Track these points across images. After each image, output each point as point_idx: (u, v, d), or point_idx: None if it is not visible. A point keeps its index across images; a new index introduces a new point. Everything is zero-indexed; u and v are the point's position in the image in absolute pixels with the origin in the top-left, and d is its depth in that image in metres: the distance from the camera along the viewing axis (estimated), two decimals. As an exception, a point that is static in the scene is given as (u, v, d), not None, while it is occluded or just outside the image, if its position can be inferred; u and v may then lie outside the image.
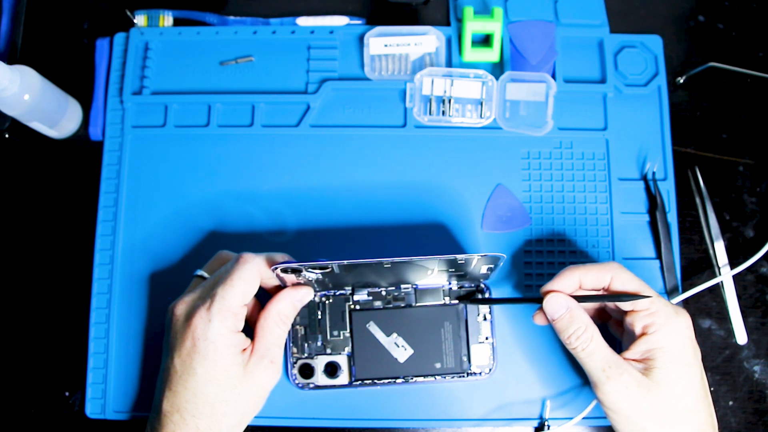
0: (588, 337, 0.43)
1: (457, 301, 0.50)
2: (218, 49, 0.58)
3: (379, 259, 0.42)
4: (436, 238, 0.53)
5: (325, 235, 0.53)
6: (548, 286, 0.44)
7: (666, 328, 0.42)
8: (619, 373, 0.41)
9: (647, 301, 0.42)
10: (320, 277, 0.44)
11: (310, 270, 0.43)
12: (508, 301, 0.51)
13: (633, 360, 0.43)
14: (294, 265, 0.41)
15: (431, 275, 0.48)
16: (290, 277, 0.44)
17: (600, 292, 0.45)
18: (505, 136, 0.55)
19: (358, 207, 0.54)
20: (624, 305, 0.43)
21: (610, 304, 0.46)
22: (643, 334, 0.43)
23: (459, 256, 0.42)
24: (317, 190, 0.54)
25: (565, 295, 0.44)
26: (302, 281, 0.45)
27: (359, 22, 0.59)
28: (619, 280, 0.44)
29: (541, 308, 0.44)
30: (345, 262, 0.41)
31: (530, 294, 0.52)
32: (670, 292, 0.53)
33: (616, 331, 0.48)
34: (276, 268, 0.41)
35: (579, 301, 0.44)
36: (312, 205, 0.54)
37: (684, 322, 0.42)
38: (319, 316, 0.49)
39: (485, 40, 0.57)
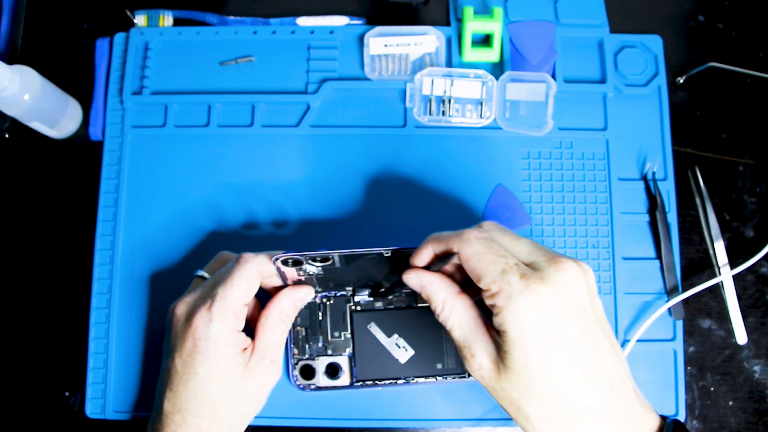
0: (446, 314, 0.40)
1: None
2: (218, 49, 0.58)
3: (379, 249, 0.42)
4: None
5: (326, 235, 0.53)
6: (410, 261, 0.42)
7: (505, 311, 0.36)
8: (471, 355, 0.38)
9: (488, 282, 0.37)
10: (321, 271, 0.44)
11: (310, 262, 0.43)
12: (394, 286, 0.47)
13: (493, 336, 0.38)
14: (295, 255, 0.42)
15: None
16: (291, 272, 0.44)
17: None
18: (505, 136, 0.55)
19: (358, 207, 0.54)
20: (473, 280, 0.38)
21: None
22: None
23: None
24: (317, 189, 0.54)
25: (419, 272, 0.41)
26: (303, 277, 0.45)
27: (359, 22, 0.59)
28: (464, 254, 0.38)
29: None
30: (345, 251, 0.42)
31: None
32: (670, 292, 0.53)
33: None
34: (277, 259, 0.42)
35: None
36: (312, 204, 0.54)
37: (529, 300, 0.36)
38: (320, 318, 0.49)
39: (485, 40, 0.57)
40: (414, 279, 0.41)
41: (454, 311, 0.40)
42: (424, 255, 0.41)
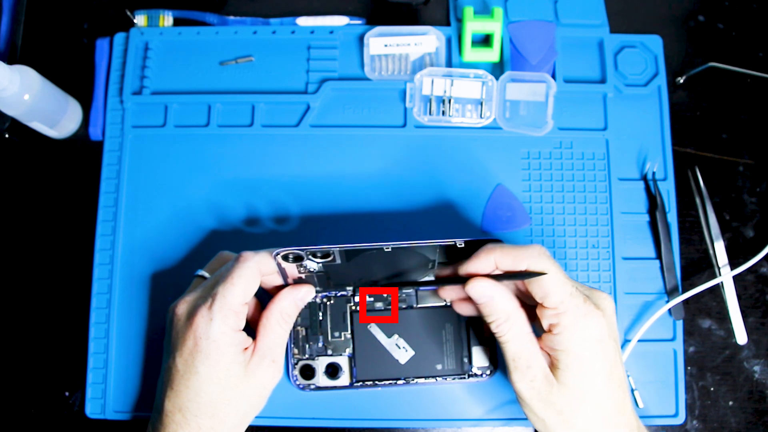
0: (506, 327, 0.41)
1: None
2: (218, 49, 0.58)
3: (380, 244, 0.42)
4: (437, 238, 0.53)
5: (326, 234, 0.53)
6: (466, 267, 0.43)
7: (570, 331, 0.40)
8: (526, 366, 0.41)
9: (556, 301, 0.40)
10: (321, 268, 0.44)
11: (311, 257, 0.43)
12: (434, 283, 0.48)
13: (544, 350, 0.42)
14: (295, 250, 0.41)
15: (432, 269, 0.48)
16: (291, 268, 0.44)
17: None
18: (505, 136, 0.55)
19: (358, 208, 0.54)
20: (535, 295, 0.41)
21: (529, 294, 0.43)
22: (549, 331, 0.41)
23: (458, 241, 0.42)
24: (317, 189, 0.54)
25: (491, 283, 0.41)
26: (303, 274, 0.45)
27: (359, 22, 0.59)
28: (536, 269, 0.40)
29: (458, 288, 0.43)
30: (346, 246, 0.42)
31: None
32: (670, 292, 0.53)
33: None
34: (277, 254, 0.42)
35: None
36: (312, 203, 0.54)
37: (593, 323, 0.40)
38: (320, 317, 0.49)
39: (485, 40, 0.57)
40: (487, 290, 0.41)
41: (515, 325, 0.42)
42: (487, 264, 0.42)
